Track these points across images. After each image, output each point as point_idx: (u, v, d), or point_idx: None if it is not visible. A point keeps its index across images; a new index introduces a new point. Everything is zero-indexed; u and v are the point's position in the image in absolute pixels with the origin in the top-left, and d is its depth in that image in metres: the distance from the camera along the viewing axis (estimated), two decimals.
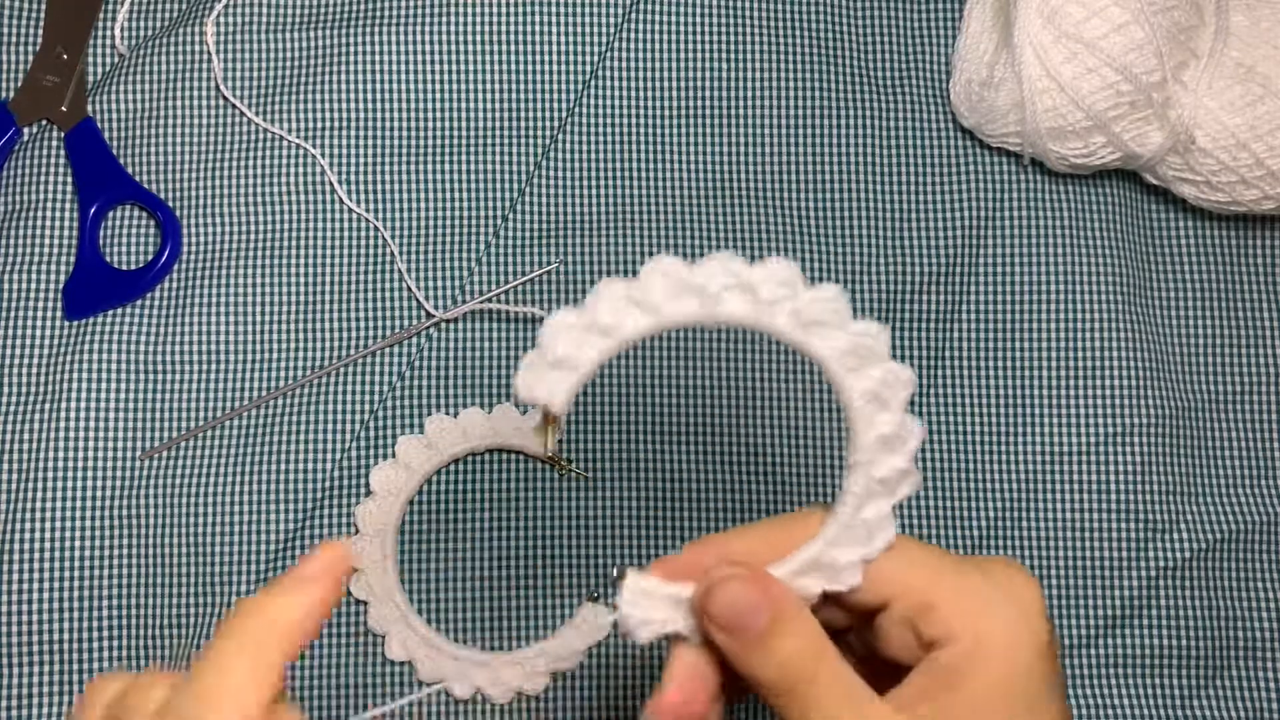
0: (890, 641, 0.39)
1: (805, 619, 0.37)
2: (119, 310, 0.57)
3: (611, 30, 0.61)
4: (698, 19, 0.62)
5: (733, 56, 0.61)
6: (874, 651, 0.40)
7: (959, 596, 0.37)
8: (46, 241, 0.58)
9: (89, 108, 0.59)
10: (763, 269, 0.36)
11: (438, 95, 0.60)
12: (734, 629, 0.37)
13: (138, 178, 0.59)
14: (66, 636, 0.55)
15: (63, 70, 0.59)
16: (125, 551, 0.56)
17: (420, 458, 0.57)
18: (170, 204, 0.59)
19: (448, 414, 0.58)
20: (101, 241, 0.59)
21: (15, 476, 0.56)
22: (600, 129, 0.61)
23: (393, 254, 0.59)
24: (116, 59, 0.60)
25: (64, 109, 0.59)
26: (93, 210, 0.58)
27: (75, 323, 0.57)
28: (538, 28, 0.61)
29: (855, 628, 0.40)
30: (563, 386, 0.37)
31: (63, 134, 0.59)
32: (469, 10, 0.61)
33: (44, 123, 0.59)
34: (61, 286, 0.58)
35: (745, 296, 0.36)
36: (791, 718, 0.37)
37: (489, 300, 0.59)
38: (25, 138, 0.59)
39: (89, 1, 0.60)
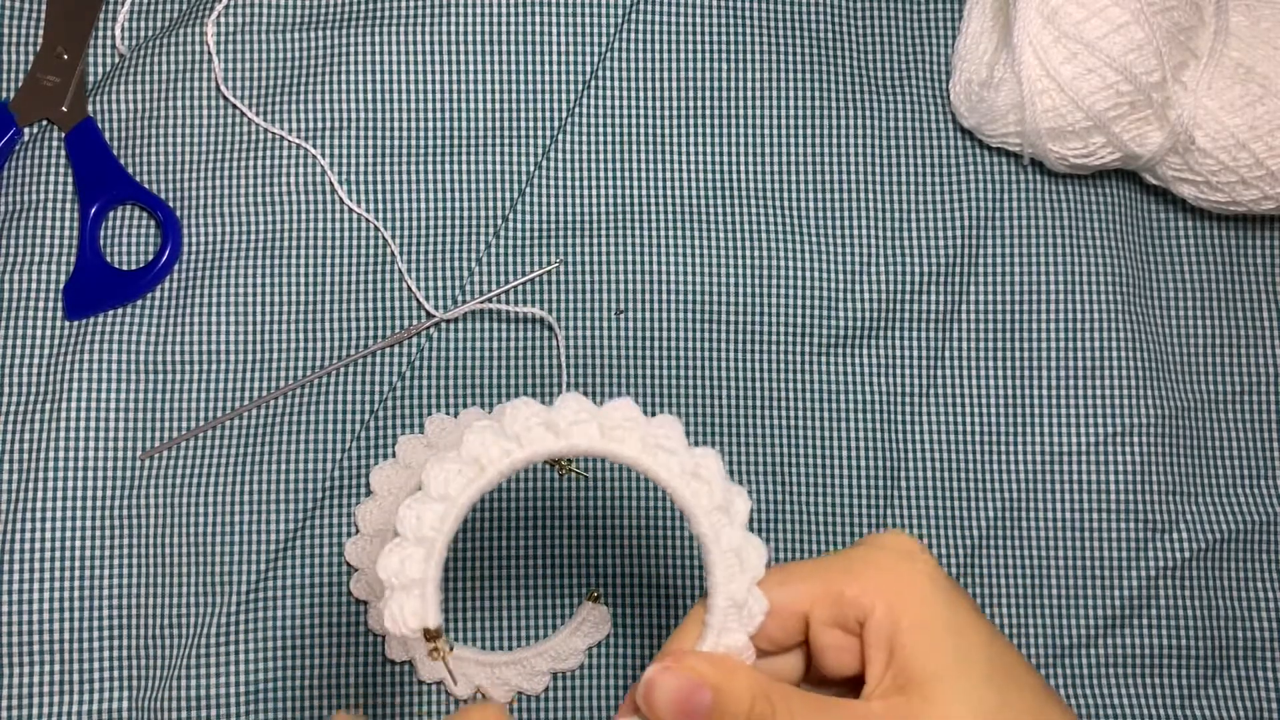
0: (827, 655, 0.41)
1: (740, 671, 0.40)
2: (119, 310, 0.57)
3: (611, 30, 0.61)
4: (698, 19, 0.62)
5: (733, 56, 0.62)
6: (825, 682, 0.43)
7: (854, 578, 0.41)
8: (47, 241, 0.58)
9: (89, 108, 0.59)
10: (610, 407, 0.39)
11: (438, 95, 0.60)
12: (686, 716, 0.39)
13: (138, 178, 0.59)
14: (66, 636, 0.55)
15: (63, 70, 0.59)
16: (125, 551, 0.56)
17: (420, 458, 0.57)
18: (171, 204, 0.59)
19: (448, 414, 0.58)
20: (102, 241, 0.59)
21: (15, 477, 0.56)
22: (600, 129, 0.61)
23: (393, 254, 0.59)
24: (117, 59, 0.60)
25: (64, 109, 0.59)
26: (93, 210, 0.58)
27: (75, 323, 0.57)
28: (538, 28, 0.61)
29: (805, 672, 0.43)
30: (433, 556, 0.39)
31: (63, 134, 0.59)
32: (469, 11, 0.61)
33: (44, 123, 0.59)
34: (62, 286, 0.58)
35: (594, 428, 0.39)
36: None
37: (489, 300, 0.59)
38: (26, 138, 0.59)
39: (89, 2, 0.60)
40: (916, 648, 0.40)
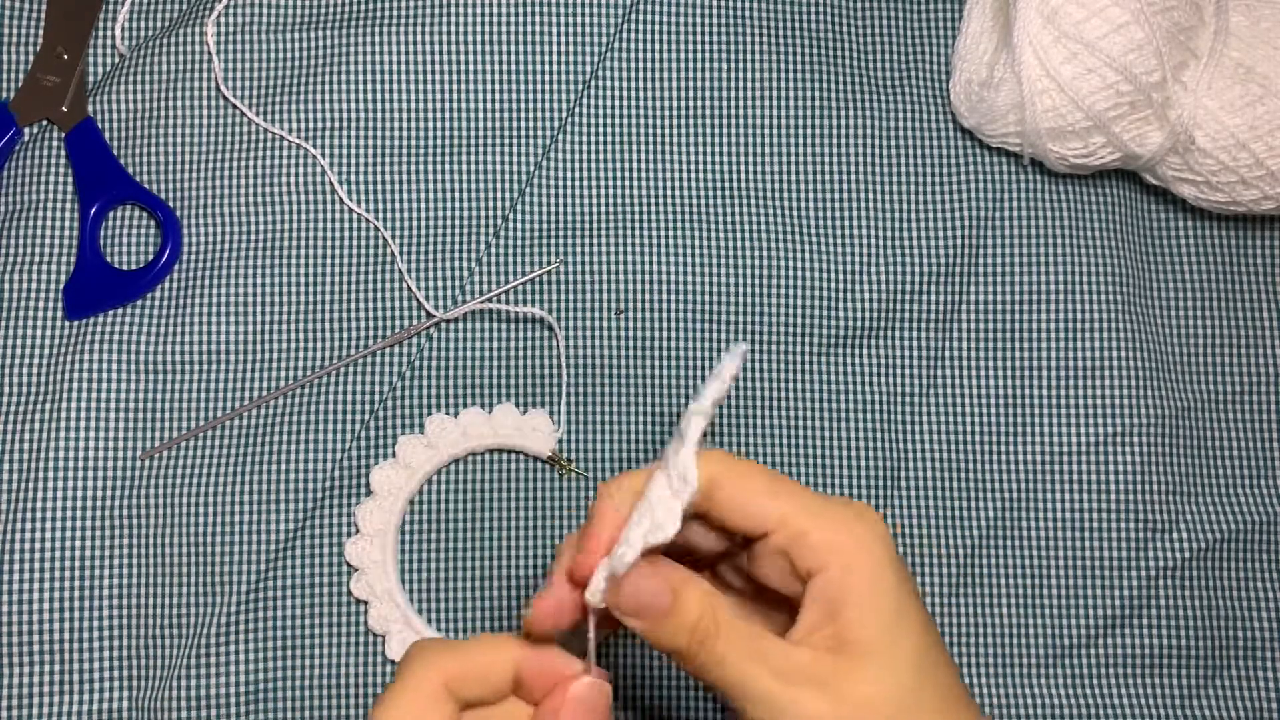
0: (768, 571, 0.44)
1: (697, 587, 0.43)
2: (119, 310, 0.57)
3: (611, 30, 0.61)
4: (698, 19, 0.62)
5: (733, 57, 0.62)
6: (752, 582, 0.45)
7: (825, 528, 0.43)
8: (47, 241, 0.58)
9: (89, 108, 0.59)
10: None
11: (438, 95, 0.60)
12: (643, 613, 0.43)
13: (138, 178, 0.59)
14: (66, 636, 0.55)
15: (63, 70, 0.59)
16: (125, 551, 0.56)
17: (420, 458, 0.57)
18: (171, 204, 0.59)
19: (448, 414, 0.58)
20: (102, 242, 0.59)
21: (16, 477, 0.56)
22: (600, 129, 0.61)
23: (393, 254, 0.59)
24: (117, 59, 0.60)
25: (64, 109, 0.59)
26: (93, 210, 0.58)
27: (75, 323, 0.57)
28: (538, 28, 0.61)
29: (732, 557, 0.46)
30: None
31: (63, 134, 0.59)
32: (469, 11, 0.61)
33: (44, 123, 0.59)
34: (62, 286, 0.58)
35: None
36: (708, 673, 0.42)
37: (489, 300, 0.59)
38: (26, 138, 0.59)
39: (89, 2, 0.60)
40: (860, 618, 0.42)
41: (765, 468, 0.45)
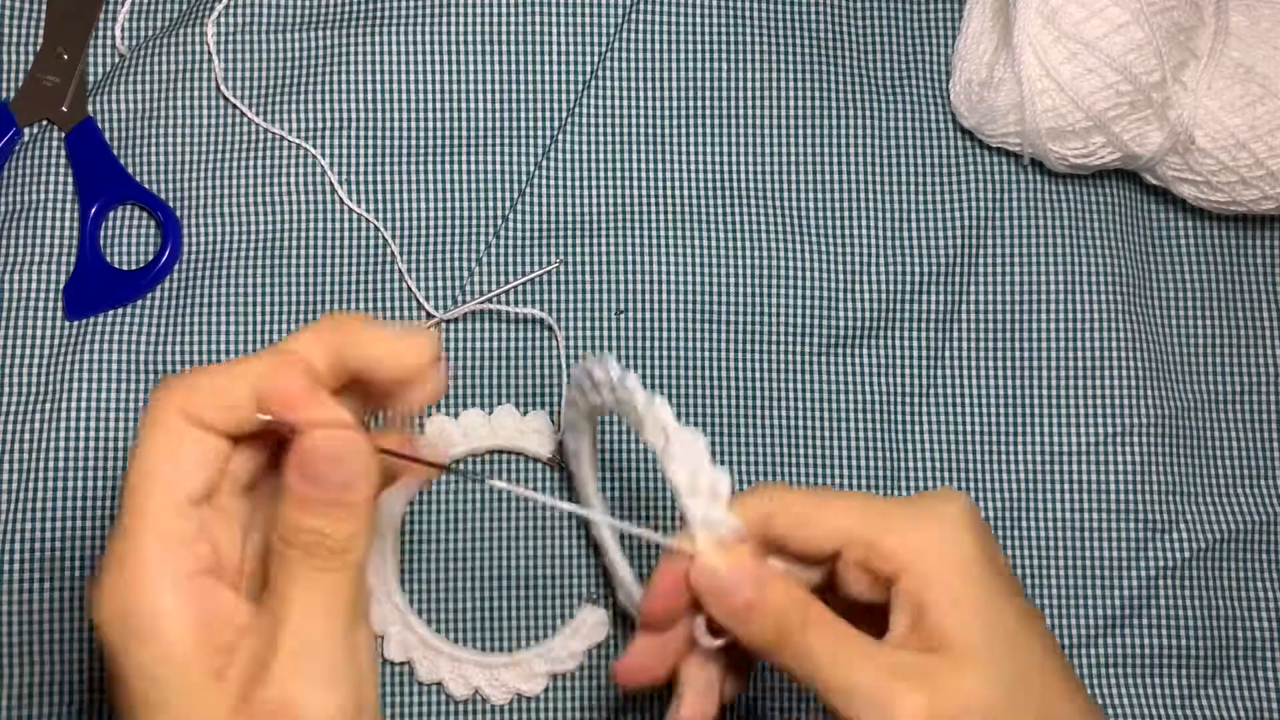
0: (854, 587, 0.44)
1: (783, 581, 0.43)
2: (119, 310, 0.57)
3: (611, 30, 0.61)
4: (698, 19, 0.62)
5: (733, 56, 0.62)
6: (851, 602, 0.45)
7: (894, 532, 0.43)
8: (46, 241, 0.58)
9: (89, 108, 0.59)
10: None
11: (438, 95, 0.60)
12: (726, 603, 0.43)
13: (138, 178, 0.59)
14: (66, 636, 0.55)
15: (63, 70, 0.59)
16: None
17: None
18: (171, 204, 0.59)
19: (448, 415, 0.58)
20: (102, 242, 0.59)
21: (15, 476, 0.56)
22: (600, 129, 0.61)
23: (393, 254, 0.59)
24: (117, 59, 0.60)
25: (64, 109, 0.59)
26: (93, 210, 0.58)
27: (75, 323, 0.57)
28: (538, 28, 0.61)
29: (829, 585, 0.45)
30: None
31: (63, 134, 0.59)
32: (469, 10, 0.61)
33: (44, 123, 0.59)
34: (62, 286, 0.58)
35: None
36: (794, 668, 0.42)
37: (489, 300, 0.59)
38: (25, 138, 0.59)
39: (89, 2, 0.60)
40: (946, 621, 0.42)
41: (810, 489, 0.46)
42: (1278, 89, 0.57)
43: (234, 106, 0.60)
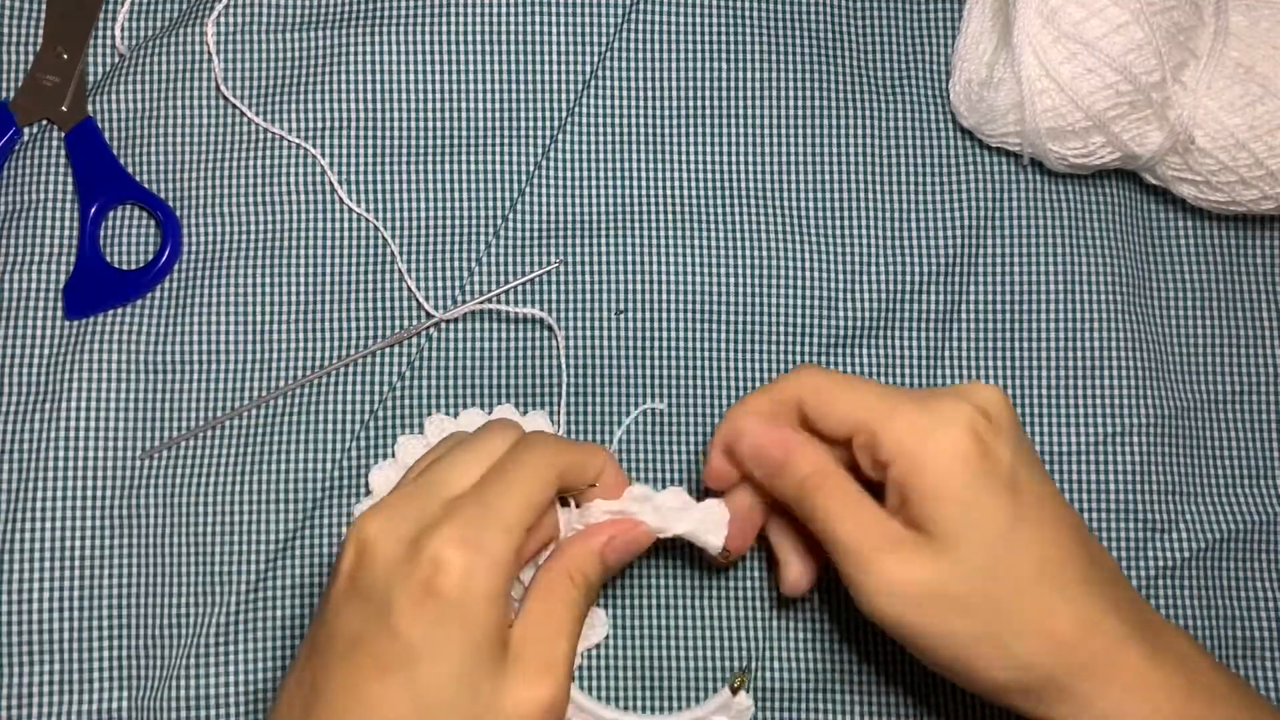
0: (862, 464, 0.49)
1: (810, 449, 0.49)
2: (119, 310, 0.58)
3: (611, 30, 0.61)
4: (697, 19, 0.62)
5: (732, 57, 0.62)
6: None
7: (895, 427, 0.47)
8: (47, 241, 0.58)
9: (89, 107, 0.59)
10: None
11: (438, 95, 0.60)
12: (760, 464, 0.50)
13: (138, 178, 0.59)
14: (66, 636, 0.55)
15: (63, 70, 0.59)
16: (125, 551, 0.56)
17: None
18: (170, 204, 0.59)
19: (447, 414, 0.58)
20: (102, 241, 0.59)
21: (16, 476, 0.56)
22: (600, 129, 0.61)
23: (393, 254, 0.59)
24: (116, 59, 0.60)
25: (64, 109, 0.59)
26: (93, 210, 0.58)
27: (75, 322, 0.57)
28: (538, 28, 0.61)
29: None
30: None
31: (63, 134, 0.59)
32: (469, 10, 0.61)
33: (44, 123, 0.59)
34: (62, 286, 0.58)
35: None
36: (811, 522, 0.49)
37: (489, 300, 0.59)
38: (25, 138, 0.59)
39: (89, 2, 0.60)
40: (924, 511, 0.46)
41: (853, 376, 0.51)
42: (1277, 89, 0.57)
43: (234, 106, 0.60)
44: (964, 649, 0.47)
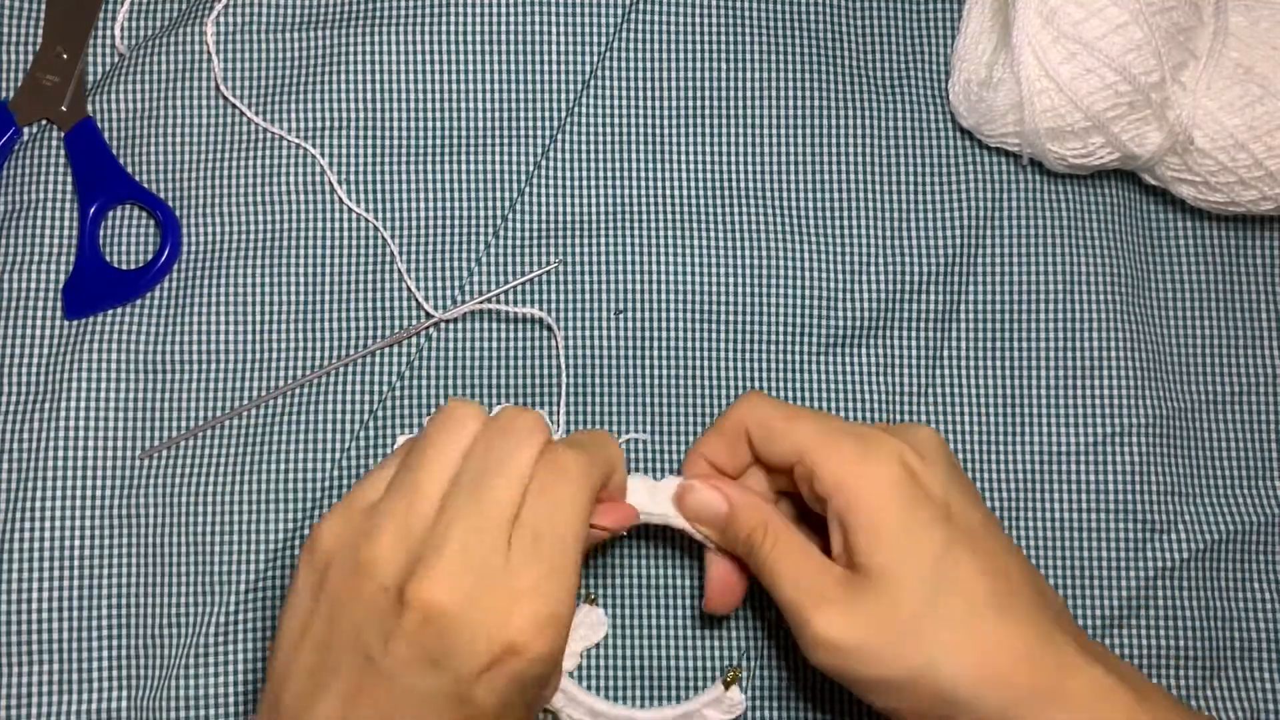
0: (804, 494, 0.51)
1: (753, 503, 0.51)
2: (119, 310, 0.58)
3: (610, 31, 0.61)
4: (697, 19, 0.62)
5: (731, 57, 0.62)
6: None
7: (831, 461, 0.49)
8: (46, 241, 0.58)
9: (89, 107, 0.59)
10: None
11: (437, 95, 0.60)
12: (707, 518, 0.52)
13: (137, 177, 0.59)
14: (65, 636, 0.55)
15: (63, 70, 0.59)
16: (124, 551, 0.56)
17: None
18: (170, 204, 0.59)
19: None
20: (101, 241, 0.59)
21: (14, 476, 0.56)
22: (599, 129, 0.61)
23: (392, 254, 0.59)
24: (116, 59, 0.60)
25: (64, 109, 0.59)
26: (92, 210, 0.58)
27: (74, 322, 0.57)
28: (537, 28, 0.61)
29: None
30: None
31: (62, 134, 0.59)
32: (468, 11, 0.61)
33: (44, 123, 0.60)
34: (61, 286, 0.58)
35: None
36: (760, 574, 0.50)
37: (487, 300, 0.59)
38: (25, 138, 0.59)
39: (89, 1, 0.60)
40: (862, 544, 0.48)
41: (795, 407, 0.52)
42: (1277, 89, 0.57)
43: (233, 106, 0.60)
44: (902, 692, 0.47)
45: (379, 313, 0.59)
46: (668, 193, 0.61)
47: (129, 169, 0.59)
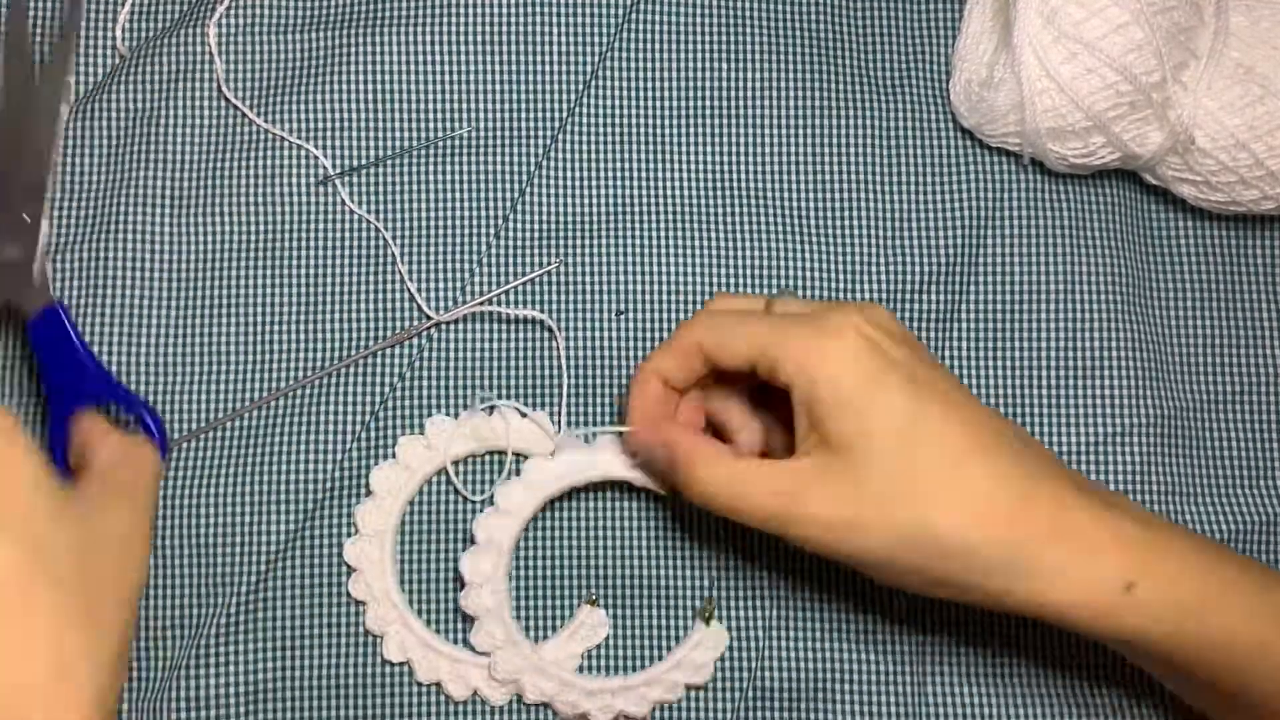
0: (771, 391, 0.51)
1: (676, 430, 0.52)
2: (117, 311, 0.57)
3: (612, 31, 0.61)
4: (698, 19, 0.62)
5: (733, 57, 0.62)
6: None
7: (789, 349, 0.49)
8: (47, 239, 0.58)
9: (87, 110, 0.59)
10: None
11: (439, 97, 0.61)
12: (651, 459, 0.54)
13: (138, 177, 0.59)
14: None
15: (24, 239, 0.49)
16: None
17: (420, 459, 0.57)
18: (171, 207, 0.58)
19: (448, 415, 0.58)
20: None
21: None
22: (600, 129, 0.61)
23: (394, 255, 0.59)
24: (117, 59, 0.60)
25: (29, 288, 0.51)
26: (66, 415, 0.51)
27: (76, 322, 0.57)
28: (538, 29, 0.61)
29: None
30: None
31: (24, 322, 0.52)
32: (469, 12, 0.61)
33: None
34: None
35: None
36: (703, 503, 0.51)
37: (486, 302, 0.59)
38: None
39: (41, 140, 0.52)
40: (827, 419, 0.48)
41: (744, 311, 0.53)
42: (1277, 89, 0.57)
43: (235, 108, 0.60)
44: (903, 559, 0.47)
45: (382, 314, 0.59)
46: (670, 193, 0.61)
47: (129, 169, 0.58)
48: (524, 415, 0.58)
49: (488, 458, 0.58)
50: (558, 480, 0.56)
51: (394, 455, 0.57)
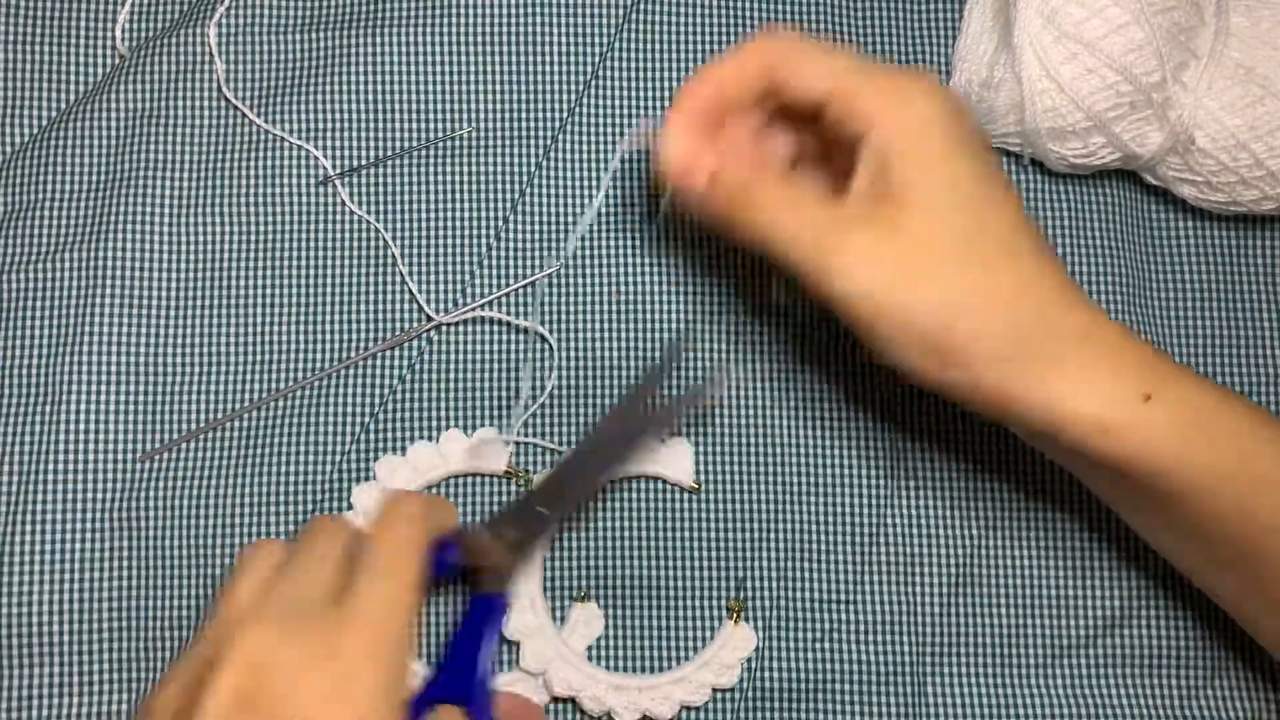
0: (831, 133, 0.49)
1: (733, 161, 0.50)
2: (119, 312, 0.57)
3: (611, 31, 0.61)
4: (698, 19, 0.62)
5: None
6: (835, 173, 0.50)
7: (873, 92, 0.47)
8: (47, 240, 0.58)
9: (88, 107, 0.59)
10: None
11: (439, 97, 0.61)
12: (686, 175, 0.50)
13: (138, 177, 0.59)
14: (66, 639, 0.55)
15: (533, 526, 0.53)
16: (125, 553, 0.56)
17: (427, 462, 0.57)
18: (171, 206, 0.58)
19: (449, 421, 0.58)
20: None
21: (16, 478, 0.56)
22: (601, 130, 0.61)
23: (394, 257, 0.59)
24: (117, 59, 0.60)
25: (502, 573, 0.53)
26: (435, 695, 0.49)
27: (75, 323, 0.57)
28: (539, 29, 0.61)
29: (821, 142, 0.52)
30: None
31: (472, 594, 0.54)
32: (470, 12, 0.61)
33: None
34: (60, 285, 0.58)
35: None
36: (748, 234, 0.49)
37: (485, 305, 0.59)
38: (23, 142, 0.59)
39: None
40: (904, 166, 0.46)
41: (824, 43, 0.49)
42: (1278, 89, 0.57)
43: (235, 108, 0.60)
44: (935, 317, 0.46)
45: (382, 316, 0.59)
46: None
47: (129, 170, 0.58)
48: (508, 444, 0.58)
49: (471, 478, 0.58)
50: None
51: (374, 476, 0.57)
